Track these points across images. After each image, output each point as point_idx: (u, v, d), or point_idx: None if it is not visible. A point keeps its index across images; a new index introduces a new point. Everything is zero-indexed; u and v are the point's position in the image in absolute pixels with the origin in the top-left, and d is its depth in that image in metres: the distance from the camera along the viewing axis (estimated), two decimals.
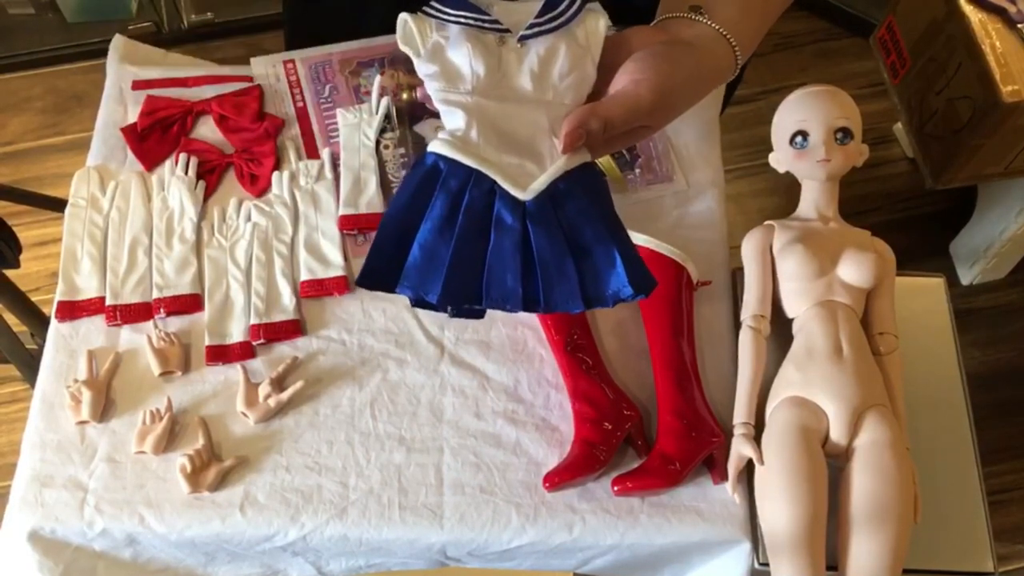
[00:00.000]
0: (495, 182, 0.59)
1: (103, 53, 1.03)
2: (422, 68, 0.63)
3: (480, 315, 0.65)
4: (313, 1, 1.03)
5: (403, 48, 0.63)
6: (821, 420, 0.77)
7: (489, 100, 0.61)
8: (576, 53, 0.63)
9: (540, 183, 0.59)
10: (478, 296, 0.58)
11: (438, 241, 0.58)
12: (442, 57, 0.62)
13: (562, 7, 0.64)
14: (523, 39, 0.63)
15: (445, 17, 0.63)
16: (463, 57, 0.62)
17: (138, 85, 0.99)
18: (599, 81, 0.63)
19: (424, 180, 0.59)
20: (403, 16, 0.63)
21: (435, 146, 0.60)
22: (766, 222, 0.88)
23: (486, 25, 0.63)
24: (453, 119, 0.61)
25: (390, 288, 0.58)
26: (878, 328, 0.84)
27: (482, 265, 0.58)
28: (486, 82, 0.61)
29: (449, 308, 0.61)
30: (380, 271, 0.58)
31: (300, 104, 0.98)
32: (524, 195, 0.59)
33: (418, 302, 0.60)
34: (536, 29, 0.63)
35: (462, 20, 0.63)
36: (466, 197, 0.59)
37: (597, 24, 0.64)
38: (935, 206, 1.93)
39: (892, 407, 0.79)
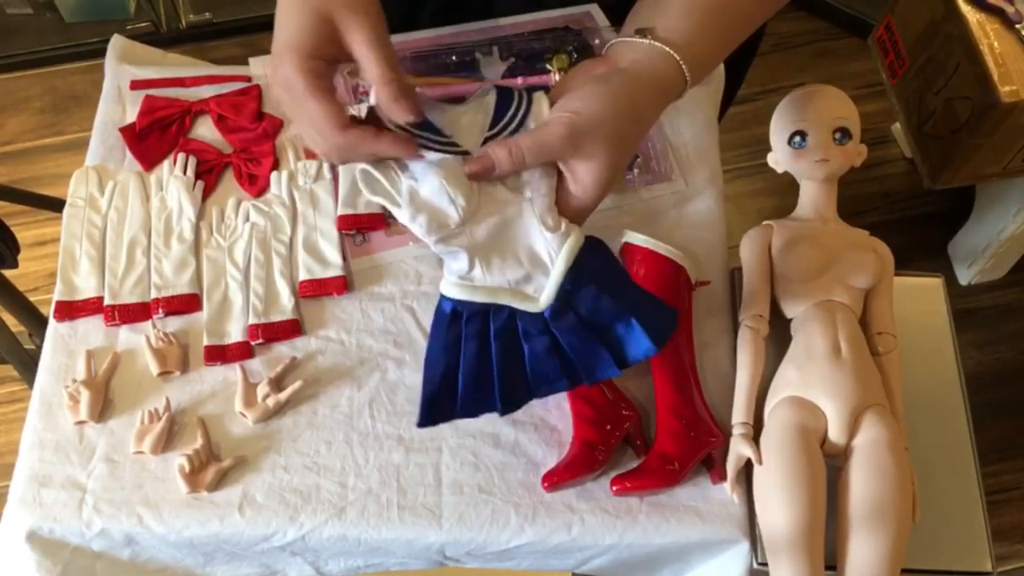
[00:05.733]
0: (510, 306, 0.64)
1: (101, 53, 1.03)
2: (407, 221, 0.62)
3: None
4: None
5: (375, 199, 0.63)
6: (820, 420, 0.77)
7: (479, 224, 0.63)
8: None
9: (549, 293, 0.64)
10: (529, 396, 0.65)
11: (482, 368, 0.64)
12: (420, 201, 0.62)
13: (509, 114, 0.64)
14: None
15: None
16: (439, 193, 0.62)
17: (136, 85, 0.99)
18: None
19: (450, 323, 0.64)
20: (364, 169, 0.62)
21: (448, 291, 0.64)
22: (765, 222, 0.88)
23: (441, 147, 0.63)
24: (455, 261, 0.64)
25: (451, 418, 0.65)
26: (876, 328, 0.84)
27: (524, 372, 0.65)
28: (469, 208, 0.63)
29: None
30: (436, 411, 0.65)
31: None
32: (539, 308, 0.64)
33: None
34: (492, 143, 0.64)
35: (424, 142, 0.62)
36: (491, 327, 0.64)
37: (541, 108, 0.65)
38: (933, 206, 1.93)
39: (890, 407, 0.79)
